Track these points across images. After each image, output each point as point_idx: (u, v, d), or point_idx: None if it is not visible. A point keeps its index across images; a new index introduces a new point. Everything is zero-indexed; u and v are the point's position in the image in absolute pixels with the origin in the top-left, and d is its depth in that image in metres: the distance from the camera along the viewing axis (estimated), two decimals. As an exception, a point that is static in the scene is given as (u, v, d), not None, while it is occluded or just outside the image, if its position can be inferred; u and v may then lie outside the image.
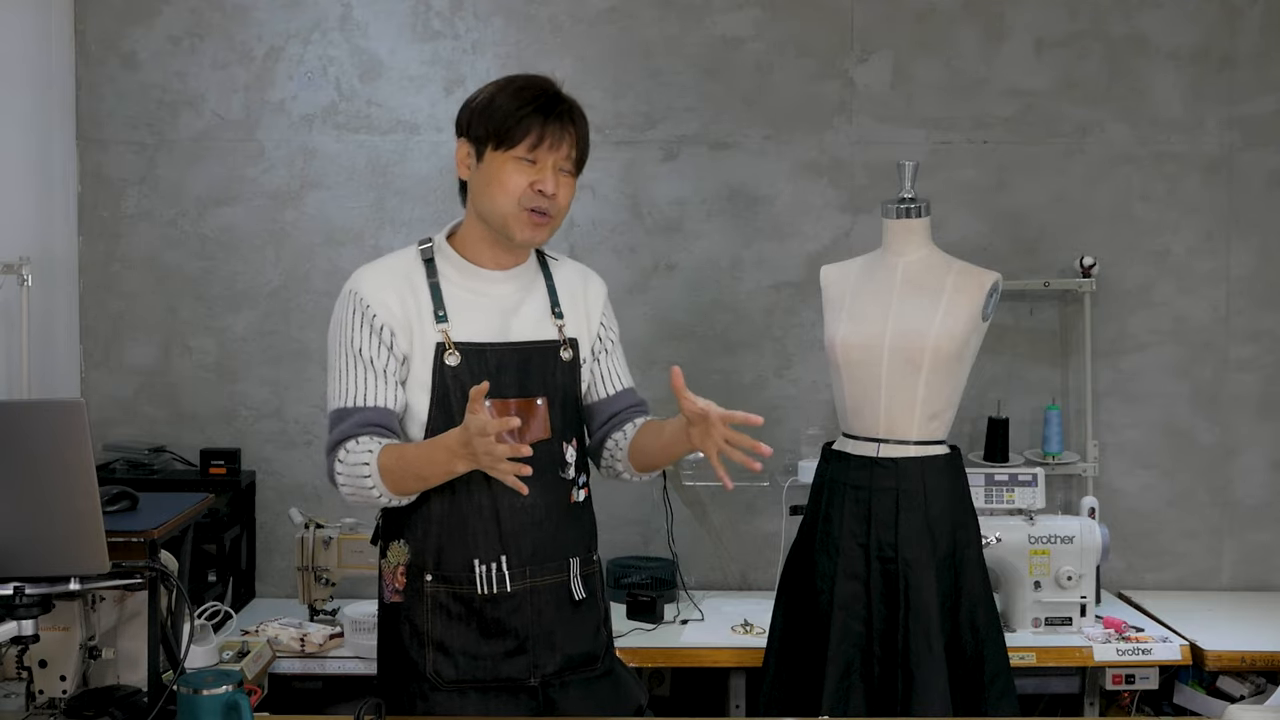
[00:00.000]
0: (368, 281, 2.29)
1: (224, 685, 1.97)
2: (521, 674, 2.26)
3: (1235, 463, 3.81)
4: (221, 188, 3.72)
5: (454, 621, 2.24)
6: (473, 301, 2.27)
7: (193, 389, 3.74)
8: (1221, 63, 3.75)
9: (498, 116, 2.21)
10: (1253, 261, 3.79)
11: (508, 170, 2.21)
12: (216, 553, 3.46)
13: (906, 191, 2.88)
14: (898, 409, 2.77)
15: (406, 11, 3.71)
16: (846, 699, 2.68)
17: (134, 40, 3.69)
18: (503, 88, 2.24)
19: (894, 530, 2.69)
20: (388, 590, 2.30)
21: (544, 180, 2.22)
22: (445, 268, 2.29)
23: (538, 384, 2.26)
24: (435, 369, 2.22)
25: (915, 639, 2.67)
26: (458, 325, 2.24)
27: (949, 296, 2.80)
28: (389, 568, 2.29)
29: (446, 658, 2.24)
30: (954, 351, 2.78)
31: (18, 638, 1.98)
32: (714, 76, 3.73)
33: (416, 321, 2.23)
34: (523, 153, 2.20)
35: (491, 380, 2.14)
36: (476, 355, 2.22)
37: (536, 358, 2.27)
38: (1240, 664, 3.23)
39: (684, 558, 3.67)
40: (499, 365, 2.23)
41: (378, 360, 2.22)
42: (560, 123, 2.23)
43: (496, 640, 2.25)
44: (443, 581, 2.24)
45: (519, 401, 2.23)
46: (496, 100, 2.22)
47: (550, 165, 2.22)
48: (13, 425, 1.92)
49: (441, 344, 2.22)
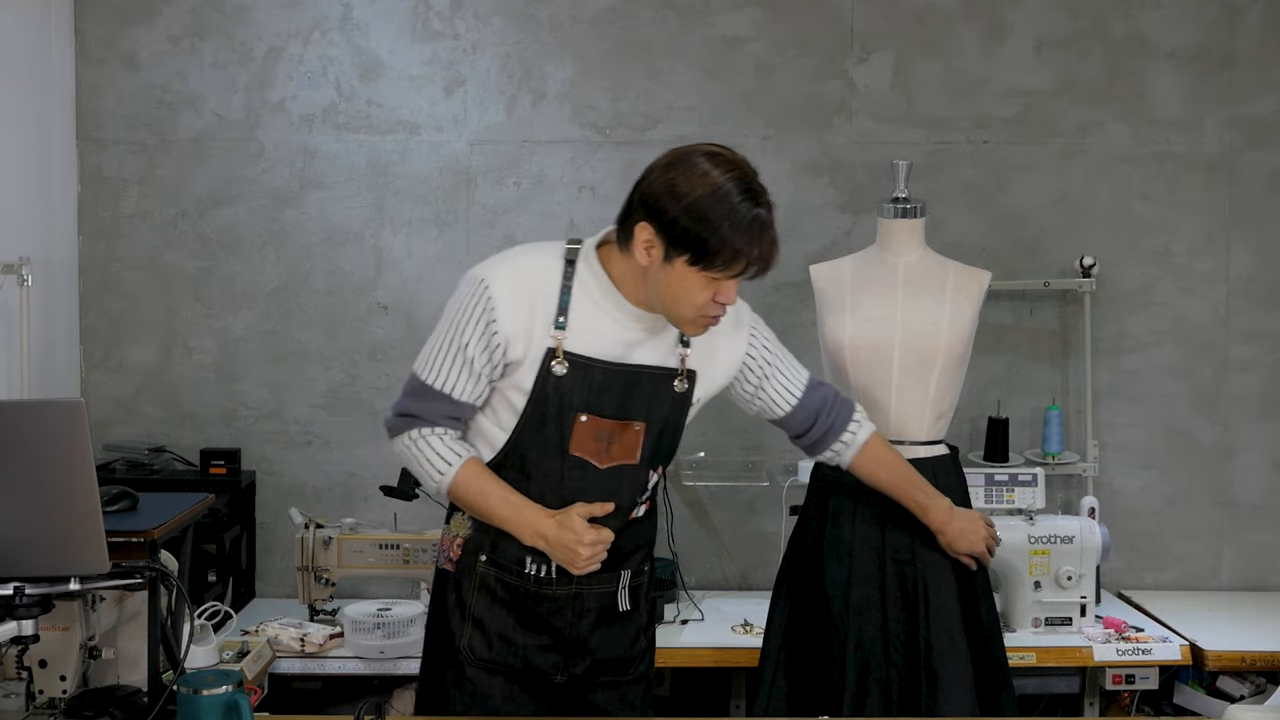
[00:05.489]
0: (503, 281, 2.18)
1: (224, 685, 1.97)
2: (549, 669, 2.29)
3: (1235, 463, 3.81)
4: (221, 188, 3.72)
5: (496, 605, 2.26)
6: (600, 318, 2.20)
7: (193, 389, 3.74)
8: (1221, 63, 3.75)
9: (716, 246, 2.05)
10: (1253, 261, 3.79)
11: (699, 284, 2.09)
12: (216, 553, 3.46)
13: (900, 191, 2.88)
14: (908, 409, 2.77)
15: (406, 11, 3.71)
16: (863, 704, 2.67)
17: (134, 40, 3.69)
18: (725, 196, 2.04)
19: (909, 532, 2.68)
20: (443, 556, 2.33)
21: (726, 293, 2.12)
22: (586, 277, 2.20)
23: (641, 408, 2.23)
24: (540, 374, 2.18)
25: (938, 639, 2.66)
26: (575, 336, 2.18)
27: (951, 296, 2.80)
28: (448, 534, 2.32)
29: (482, 636, 2.26)
30: (961, 351, 2.80)
31: (18, 638, 1.98)
32: (714, 76, 3.73)
33: (536, 327, 2.17)
34: (718, 274, 2.08)
35: (592, 397, 2.17)
36: (584, 369, 2.18)
37: (646, 382, 2.23)
38: (1240, 664, 3.23)
39: (684, 558, 3.67)
40: (604, 384, 2.19)
41: (478, 361, 2.18)
42: (767, 255, 2.09)
43: (533, 633, 2.27)
44: (494, 566, 2.26)
45: (615, 423, 2.21)
46: (722, 218, 2.04)
47: (733, 279, 2.11)
48: (13, 425, 1.92)
49: (552, 350, 2.17)
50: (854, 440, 2.49)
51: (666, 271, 2.10)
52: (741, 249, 2.06)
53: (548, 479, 2.22)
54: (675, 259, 2.09)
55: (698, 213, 2.05)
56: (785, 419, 2.46)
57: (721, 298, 2.12)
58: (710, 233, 2.05)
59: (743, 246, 2.06)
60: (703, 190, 2.06)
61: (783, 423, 2.48)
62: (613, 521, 2.24)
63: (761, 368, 2.39)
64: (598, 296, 2.20)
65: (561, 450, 2.21)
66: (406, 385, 2.25)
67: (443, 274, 3.71)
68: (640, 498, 2.30)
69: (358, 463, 3.74)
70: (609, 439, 2.21)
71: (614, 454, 2.22)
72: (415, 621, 3.20)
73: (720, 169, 2.08)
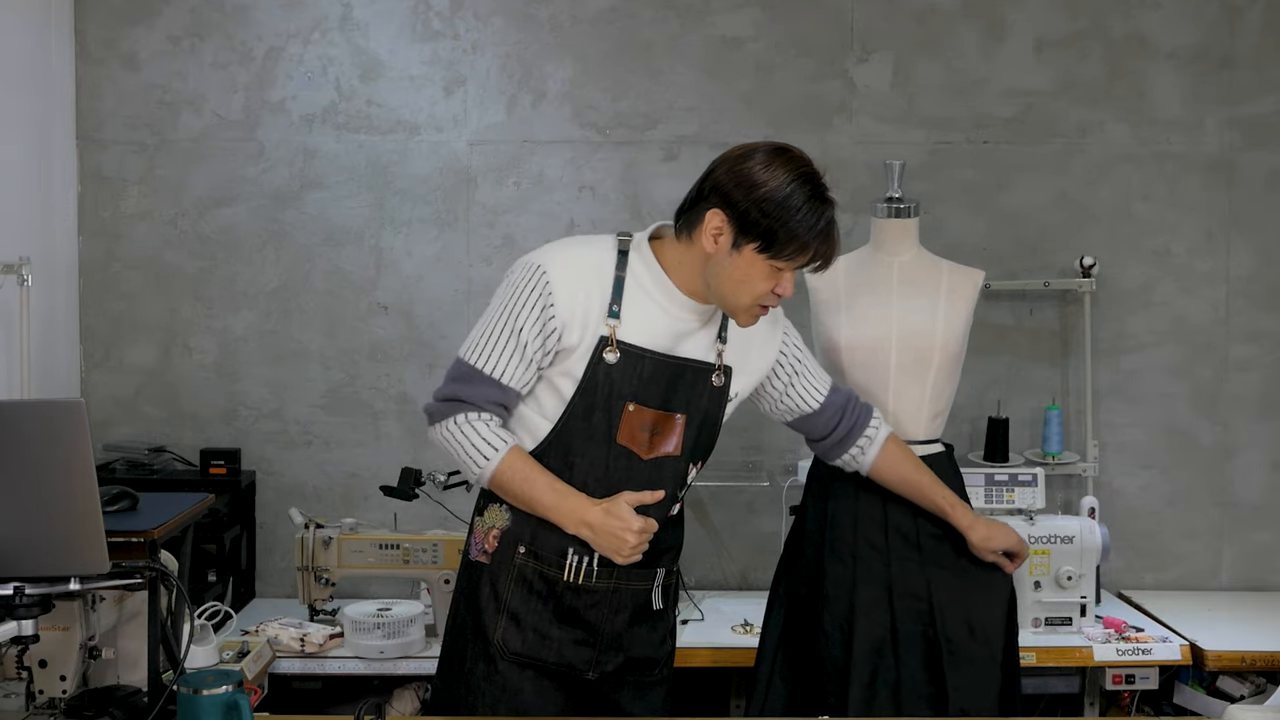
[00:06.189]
0: (560, 268, 2.22)
1: (224, 685, 1.97)
2: (582, 665, 2.30)
3: (1235, 463, 3.81)
4: (221, 188, 3.72)
5: (533, 597, 2.27)
6: (651, 308, 2.24)
7: (193, 389, 3.74)
8: (1221, 63, 3.75)
9: (791, 232, 2.14)
10: (1253, 262, 3.79)
11: (762, 273, 2.18)
12: (216, 553, 3.46)
13: (894, 191, 2.89)
14: (905, 409, 2.77)
15: (406, 11, 3.71)
16: (871, 705, 2.66)
17: (134, 40, 3.69)
18: (797, 189, 2.15)
19: (914, 531, 2.68)
20: (475, 548, 2.32)
21: (786, 285, 2.21)
22: (638, 267, 2.26)
23: (681, 401, 2.27)
24: (592, 362, 2.21)
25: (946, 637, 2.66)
26: (627, 325, 2.22)
27: (946, 296, 2.81)
28: (482, 526, 2.31)
29: (517, 629, 2.26)
30: (957, 350, 2.80)
31: (18, 638, 1.98)
32: (714, 76, 3.73)
33: (591, 314, 2.21)
34: (783, 263, 2.18)
35: (640, 387, 2.21)
36: (635, 359, 2.22)
37: (689, 375, 2.27)
38: (1240, 664, 3.23)
39: (684, 558, 3.62)
40: (652, 374, 2.23)
41: (532, 345, 2.20)
42: (830, 250, 2.20)
43: (568, 627, 2.28)
44: (533, 558, 2.27)
45: (658, 414, 2.25)
46: (794, 210, 2.14)
47: (794, 270, 2.21)
48: (13, 425, 1.92)
49: (605, 338, 2.21)
50: (875, 438, 2.54)
51: (733, 258, 2.18)
52: (809, 242, 2.16)
53: (592, 468, 2.24)
54: (744, 246, 2.17)
55: (771, 203, 2.14)
56: (811, 417, 2.51)
57: (781, 289, 2.21)
58: (780, 224, 2.14)
59: (810, 240, 2.16)
60: (777, 182, 2.15)
61: (808, 422, 2.53)
62: (657, 513, 2.26)
63: (793, 365, 2.46)
64: (650, 286, 2.24)
65: (608, 439, 2.23)
66: (452, 370, 2.26)
67: (443, 274, 3.71)
68: (681, 491, 2.34)
69: (358, 463, 3.74)
70: (652, 430, 2.25)
71: (656, 445, 2.26)
72: (415, 621, 3.20)
73: (792, 165, 2.18)
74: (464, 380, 2.22)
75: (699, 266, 2.22)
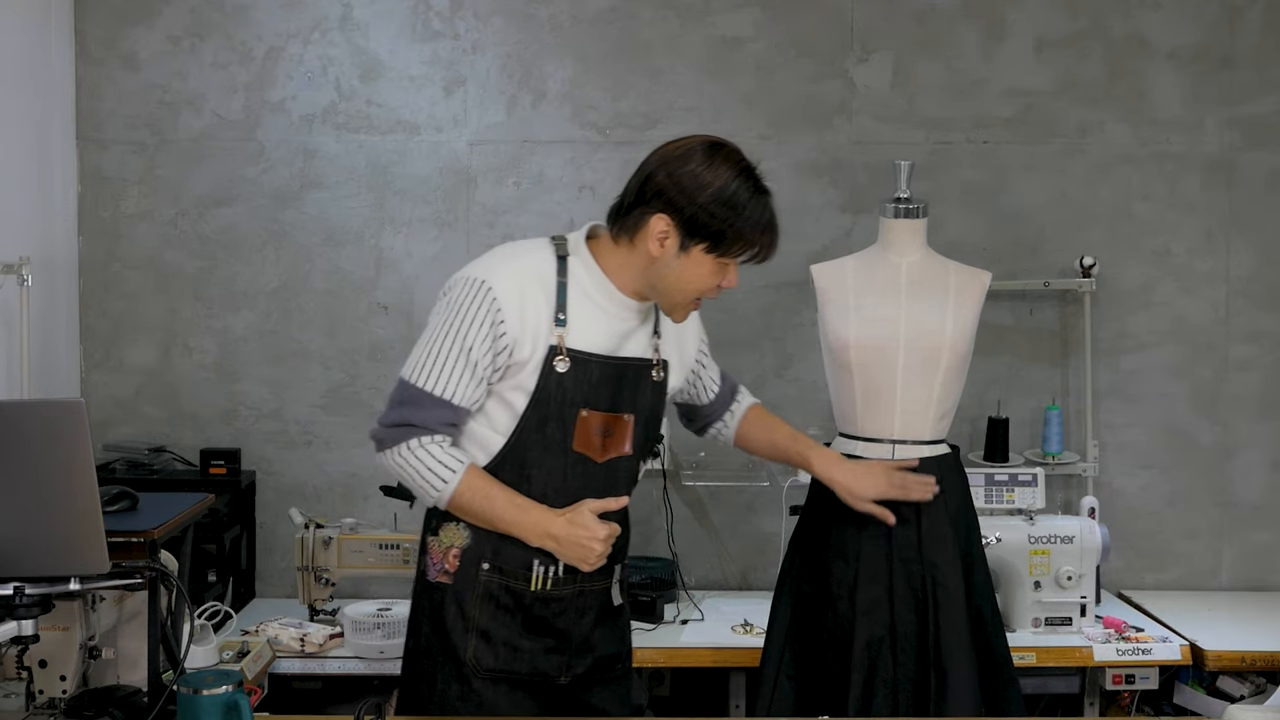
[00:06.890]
0: (505, 282, 2.20)
1: (224, 685, 1.97)
2: (554, 672, 2.30)
3: (1235, 463, 3.81)
4: (221, 188, 3.72)
5: (501, 612, 2.26)
6: (594, 312, 2.24)
7: (193, 389, 3.74)
8: (1221, 63, 3.75)
9: (738, 231, 2.16)
10: (1253, 262, 3.79)
11: (710, 270, 2.21)
12: (216, 553, 3.46)
13: (902, 191, 2.88)
14: (913, 409, 2.77)
15: (406, 11, 3.71)
16: (869, 705, 2.67)
17: (134, 40, 3.69)
18: (740, 187, 2.17)
19: (917, 531, 2.67)
20: (433, 569, 2.29)
21: (732, 277, 2.25)
22: (578, 271, 2.25)
23: (628, 401, 2.28)
24: (544, 373, 2.20)
25: (946, 637, 2.66)
26: (574, 331, 2.21)
27: (954, 297, 2.80)
28: (439, 547, 2.28)
29: (488, 646, 2.25)
30: (965, 351, 2.80)
31: (18, 638, 1.98)
32: (714, 76, 3.73)
33: (540, 326, 2.20)
34: (730, 259, 2.21)
35: (590, 392, 2.21)
36: (583, 365, 2.22)
37: (631, 374, 2.28)
38: (1240, 664, 3.23)
39: (684, 558, 3.67)
40: (600, 378, 2.23)
41: (483, 364, 2.18)
42: (774, 240, 2.22)
43: (538, 637, 2.28)
44: (498, 573, 2.25)
45: (609, 416, 2.25)
46: (740, 209, 2.16)
47: (737, 264, 2.24)
48: (13, 425, 1.92)
49: (554, 347, 2.20)
50: (738, 411, 2.61)
51: (680, 259, 2.19)
52: (755, 237, 2.19)
53: (550, 478, 2.23)
54: (692, 247, 2.18)
55: (718, 204, 2.15)
56: (710, 404, 2.59)
57: (727, 283, 2.24)
58: (728, 224, 2.16)
59: (756, 235, 2.19)
60: (721, 182, 2.16)
61: (703, 408, 2.60)
62: (617, 515, 2.27)
63: (703, 355, 2.54)
64: (591, 290, 2.24)
65: (564, 448, 2.22)
66: (396, 395, 2.21)
67: (442, 274, 3.62)
68: (633, 489, 2.35)
69: (358, 463, 3.74)
70: (604, 433, 2.25)
71: (609, 448, 2.26)
72: (415, 621, 3.19)
73: (731, 162, 2.19)
74: (412, 404, 2.19)
75: (641, 269, 2.22)
